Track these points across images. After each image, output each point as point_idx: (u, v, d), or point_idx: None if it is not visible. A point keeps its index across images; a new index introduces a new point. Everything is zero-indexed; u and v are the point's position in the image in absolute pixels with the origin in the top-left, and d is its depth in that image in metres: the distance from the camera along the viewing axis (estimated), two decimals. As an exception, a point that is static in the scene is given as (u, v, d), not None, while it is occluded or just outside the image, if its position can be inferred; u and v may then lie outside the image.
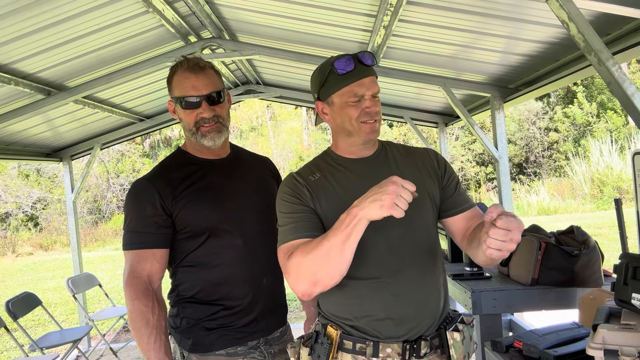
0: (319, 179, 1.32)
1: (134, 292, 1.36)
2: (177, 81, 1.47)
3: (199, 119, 1.45)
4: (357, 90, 1.27)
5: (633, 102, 1.58)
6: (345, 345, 1.27)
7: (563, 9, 1.65)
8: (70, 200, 5.08)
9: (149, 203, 1.40)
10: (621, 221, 2.22)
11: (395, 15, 2.51)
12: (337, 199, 1.27)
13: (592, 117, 16.83)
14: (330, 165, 1.36)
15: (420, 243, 1.31)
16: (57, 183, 17.61)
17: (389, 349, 1.24)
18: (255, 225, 1.51)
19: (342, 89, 1.29)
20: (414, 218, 1.27)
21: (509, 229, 1.00)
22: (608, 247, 7.11)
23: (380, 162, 1.37)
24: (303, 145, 21.67)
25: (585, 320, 1.82)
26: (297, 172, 1.36)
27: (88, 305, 5.98)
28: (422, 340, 1.26)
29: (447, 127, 5.27)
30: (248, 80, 5.05)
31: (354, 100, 1.28)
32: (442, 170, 1.40)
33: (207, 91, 1.45)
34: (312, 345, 1.29)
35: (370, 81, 1.29)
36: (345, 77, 1.28)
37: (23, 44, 2.63)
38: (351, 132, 1.31)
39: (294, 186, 1.30)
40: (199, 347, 1.44)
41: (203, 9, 2.94)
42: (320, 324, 1.33)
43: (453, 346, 1.27)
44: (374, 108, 1.28)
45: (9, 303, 3.79)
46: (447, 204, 1.38)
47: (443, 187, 1.39)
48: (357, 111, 1.28)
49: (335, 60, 1.29)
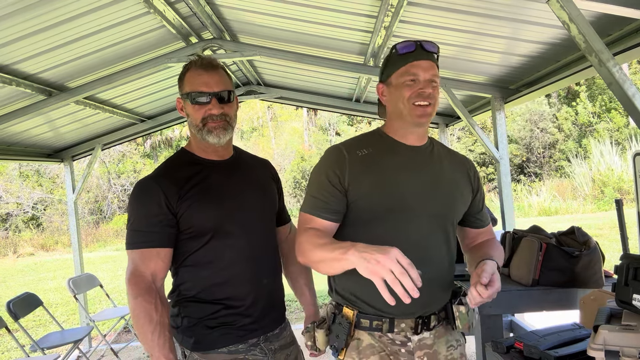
0: (367, 154, 1.36)
1: (137, 289, 1.36)
2: (190, 78, 1.49)
3: (207, 115, 1.46)
4: (413, 70, 1.32)
5: (634, 103, 1.58)
6: (362, 324, 1.34)
7: (564, 10, 1.65)
8: (71, 200, 5.08)
9: (154, 202, 1.40)
10: (622, 222, 2.22)
11: (396, 16, 2.52)
12: (380, 178, 1.33)
13: (593, 117, 16.81)
14: (380, 143, 1.40)
15: (445, 241, 1.39)
16: (58, 184, 17.63)
17: (403, 324, 1.34)
18: (257, 225, 1.52)
19: (399, 68, 1.34)
20: (446, 217, 1.38)
21: (490, 298, 1.23)
22: (609, 247, 7.10)
23: (428, 156, 1.42)
24: (304, 145, 21.68)
25: (586, 321, 1.82)
26: (344, 144, 1.40)
27: (89, 305, 5.99)
28: (432, 315, 1.37)
29: (448, 128, 5.26)
30: (249, 81, 5.05)
31: (409, 80, 1.32)
32: (476, 184, 1.49)
33: (217, 89, 1.47)
34: (330, 327, 1.37)
35: (429, 65, 1.33)
36: (404, 57, 1.34)
37: (24, 45, 2.64)
38: (403, 113, 1.35)
39: (338, 159, 1.35)
40: (200, 346, 1.45)
41: (204, 9, 2.94)
42: (333, 305, 1.41)
43: (459, 318, 1.37)
44: (428, 90, 1.31)
45: (10, 303, 3.79)
46: (470, 219, 1.51)
47: (472, 200, 1.48)
48: (410, 91, 1.32)
49: (398, 43, 1.35)
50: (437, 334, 1.38)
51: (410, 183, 1.34)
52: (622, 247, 2.17)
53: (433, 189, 1.36)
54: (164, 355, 1.35)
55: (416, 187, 1.35)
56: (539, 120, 17.26)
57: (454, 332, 1.42)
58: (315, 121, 23.03)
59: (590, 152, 14.97)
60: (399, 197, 1.33)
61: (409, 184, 1.34)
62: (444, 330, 1.40)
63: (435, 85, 1.34)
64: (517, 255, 2.22)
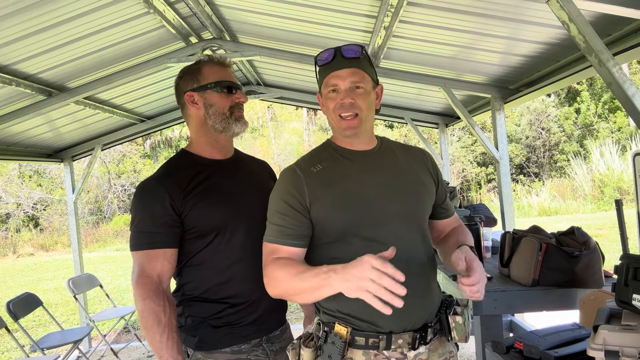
0: (321, 170, 1.32)
1: (145, 291, 1.36)
2: (210, 70, 1.52)
3: (235, 103, 1.51)
4: (332, 82, 1.29)
5: (633, 103, 1.58)
6: (357, 342, 1.25)
7: (563, 10, 1.65)
8: (71, 200, 5.09)
9: (159, 203, 1.40)
10: (622, 222, 2.22)
11: (396, 17, 2.52)
12: (340, 189, 1.28)
13: (594, 117, 16.82)
14: (332, 155, 1.36)
15: (421, 236, 1.35)
16: (58, 184, 17.63)
17: (400, 340, 1.26)
18: (259, 224, 1.51)
19: (322, 80, 1.33)
20: (416, 212, 1.33)
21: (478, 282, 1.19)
22: (609, 247, 7.10)
23: (382, 155, 1.38)
24: (304, 145, 21.68)
25: (586, 321, 1.82)
26: (297, 164, 1.36)
27: (89, 305, 5.99)
28: (428, 328, 1.30)
29: (448, 128, 5.27)
30: (249, 81, 5.05)
31: (330, 91, 1.30)
32: (436, 174, 1.45)
33: (237, 82, 1.55)
34: (321, 346, 1.27)
35: (349, 73, 1.29)
36: (324, 68, 1.32)
37: (24, 45, 2.64)
38: (333, 125, 1.34)
39: (294, 181, 1.30)
40: (204, 345, 1.45)
41: (204, 9, 2.95)
42: (323, 322, 1.31)
43: (455, 329, 1.33)
44: (347, 100, 1.27)
45: (9, 304, 3.79)
46: (437, 209, 1.46)
47: (436, 190, 1.44)
48: (333, 103, 1.30)
49: (318, 54, 1.33)
50: (432, 347, 1.32)
51: (370, 187, 1.30)
52: (622, 247, 2.17)
53: (394, 188, 1.32)
54: (173, 357, 1.35)
55: (377, 189, 1.30)
56: (540, 120, 17.27)
57: (448, 344, 1.37)
58: (315, 121, 23.03)
59: (590, 152, 14.97)
60: (362, 204, 1.27)
61: (369, 188, 1.29)
62: (438, 343, 1.34)
63: (360, 91, 1.28)
64: (517, 256, 2.22)
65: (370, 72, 1.34)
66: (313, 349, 1.28)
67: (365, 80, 1.31)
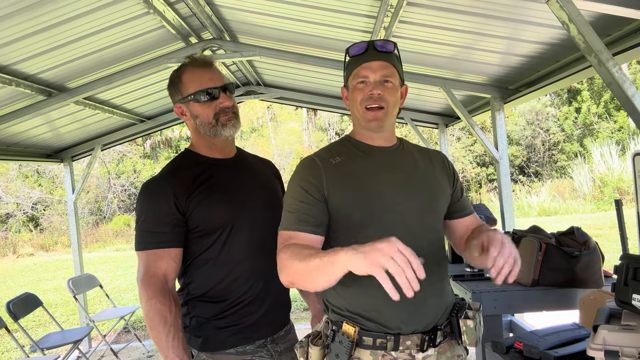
0: (340, 162, 1.32)
1: (151, 291, 1.36)
2: (190, 78, 1.48)
3: (219, 109, 1.47)
4: (362, 73, 1.29)
5: (633, 103, 1.58)
6: (364, 342, 1.24)
7: (563, 10, 1.65)
8: (71, 201, 5.09)
9: (164, 202, 1.40)
10: (621, 222, 2.22)
11: (396, 17, 2.51)
12: (357, 183, 1.28)
13: (594, 117, 16.81)
14: (351, 150, 1.36)
15: (435, 237, 1.35)
16: (57, 184, 17.62)
17: (408, 342, 1.25)
18: (263, 222, 1.51)
19: (352, 71, 1.32)
20: (431, 212, 1.33)
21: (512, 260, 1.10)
22: (608, 247, 7.10)
23: (400, 154, 1.39)
24: (303, 146, 21.66)
25: (586, 321, 1.83)
26: (316, 154, 1.36)
27: (89, 306, 5.99)
28: (437, 330, 1.28)
29: (448, 128, 5.27)
30: (248, 81, 5.05)
31: (360, 82, 1.30)
32: (452, 173, 1.45)
33: (221, 83, 1.49)
34: (329, 345, 1.26)
35: (380, 66, 1.29)
36: (355, 59, 1.32)
37: (24, 45, 2.63)
38: (358, 117, 1.33)
39: (313, 169, 1.30)
40: (208, 346, 1.44)
41: (204, 10, 2.95)
42: (331, 321, 1.30)
43: (466, 332, 1.30)
44: (376, 92, 1.27)
45: (9, 304, 3.79)
46: (453, 207, 1.44)
47: (453, 191, 1.43)
48: (361, 94, 1.30)
49: (351, 46, 1.32)
50: (441, 349, 1.30)
51: (387, 184, 1.30)
52: (622, 247, 2.18)
53: (410, 186, 1.32)
54: (179, 356, 1.35)
55: (393, 187, 1.30)
56: (541, 120, 17.27)
57: (457, 347, 1.35)
58: (315, 121, 23.02)
59: (590, 152, 14.98)
60: (378, 200, 1.27)
61: (385, 185, 1.30)
62: (447, 346, 1.32)
63: (389, 85, 1.29)
64: (517, 256, 2.22)
65: (400, 70, 1.35)
66: (321, 347, 1.27)
67: (395, 76, 1.32)
